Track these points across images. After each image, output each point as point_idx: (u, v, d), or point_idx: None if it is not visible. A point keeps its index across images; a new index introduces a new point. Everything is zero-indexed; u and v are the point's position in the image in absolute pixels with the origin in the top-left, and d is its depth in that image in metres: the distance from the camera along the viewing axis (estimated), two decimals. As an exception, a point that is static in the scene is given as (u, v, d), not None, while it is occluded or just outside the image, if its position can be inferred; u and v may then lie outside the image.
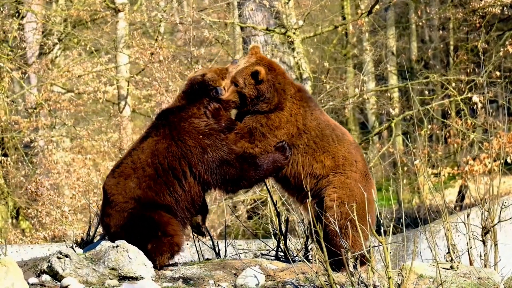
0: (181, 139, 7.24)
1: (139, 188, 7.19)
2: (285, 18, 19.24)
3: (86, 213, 18.59)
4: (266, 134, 7.37)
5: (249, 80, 7.37)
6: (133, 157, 7.32)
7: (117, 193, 7.24)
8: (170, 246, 7.17)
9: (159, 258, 7.14)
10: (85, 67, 21.75)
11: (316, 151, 7.39)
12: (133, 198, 7.19)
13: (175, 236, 7.20)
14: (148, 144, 7.30)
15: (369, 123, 28.40)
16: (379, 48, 24.74)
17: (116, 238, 7.16)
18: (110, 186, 7.31)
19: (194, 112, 7.35)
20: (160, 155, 7.22)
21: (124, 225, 7.19)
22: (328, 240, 7.09)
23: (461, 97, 19.40)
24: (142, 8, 22.75)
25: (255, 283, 6.93)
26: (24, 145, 22.18)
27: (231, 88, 7.38)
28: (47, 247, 11.49)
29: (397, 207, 20.92)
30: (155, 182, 7.20)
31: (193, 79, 7.49)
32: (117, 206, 7.22)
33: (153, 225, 7.13)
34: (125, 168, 7.30)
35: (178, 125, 7.28)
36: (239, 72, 7.41)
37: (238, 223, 19.23)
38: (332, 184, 7.32)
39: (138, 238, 7.08)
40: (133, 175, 7.23)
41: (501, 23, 24.31)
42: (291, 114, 7.42)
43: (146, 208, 7.16)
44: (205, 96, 7.39)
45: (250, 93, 7.37)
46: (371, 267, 6.54)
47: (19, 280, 6.34)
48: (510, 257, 8.41)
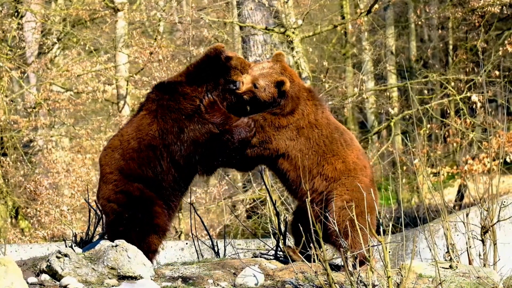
0: (163, 117, 7.23)
1: (122, 159, 7.23)
2: (284, 18, 19.23)
3: (85, 213, 18.58)
4: (266, 128, 7.40)
5: (271, 88, 7.41)
6: (123, 129, 7.42)
7: (105, 164, 7.32)
8: (153, 230, 7.21)
9: (144, 245, 7.16)
10: (84, 66, 21.74)
11: (326, 152, 7.46)
12: (117, 169, 7.23)
13: (158, 217, 7.24)
14: (137, 117, 7.36)
15: (368, 122, 28.41)
16: (378, 47, 24.74)
17: (104, 210, 7.26)
18: (101, 158, 7.41)
19: (187, 92, 7.31)
20: (144, 130, 7.24)
21: (108, 197, 7.26)
22: (333, 239, 7.14)
23: (460, 96, 19.41)
24: (141, 7, 22.77)
25: (254, 282, 6.93)
26: (23, 145, 22.18)
27: (248, 86, 7.39)
28: (46, 246, 11.49)
29: (396, 207, 20.95)
30: (138, 155, 7.23)
31: (213, 55, 7.34)
32: (104, 177, 7.31)
33: (135, 203, 7.18)
34: (114, 140, 7.39)
35: (167, 102, 7.27)
36: (263, 76, 7.42)
37: (237, 223, 19.23)
38: (345, 186, 7.37)
39: (120, 215, 7.17)
40: (119, 147, 7.28)
41: (500, 22, 24.31)
42: (303, 114, 7.49)
43: (129, 182, 7.20)
44: (213, 78, 7.32)
45: (265, 99, 7.41)
46: (371, 267, 6.55)
47: (18, 280, 6.34)
48: (509, 256, 8.41)
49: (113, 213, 7.22)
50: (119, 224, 7.18)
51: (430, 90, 23.80)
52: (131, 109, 22.96)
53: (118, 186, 7.22)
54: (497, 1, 19.74)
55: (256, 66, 7.53)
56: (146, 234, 7.21)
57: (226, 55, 7.30)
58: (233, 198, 18.94)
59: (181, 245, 11.48)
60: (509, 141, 18.71)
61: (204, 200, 19.11)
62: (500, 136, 17.34)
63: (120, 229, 7.19)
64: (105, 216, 7.36)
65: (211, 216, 20.53)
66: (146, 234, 7.21)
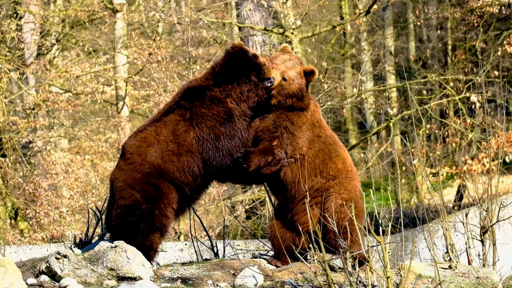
0: (199, 125, 7.29)
1: (161, 159, 7.27)
2: (283, 18, 19.23)
3: (84, 214, 18.58)
4: (294, 132, 7.37)
5: (298, 79, 7.39)
6: (157, 128, 7.39)
7: (136, 154, 7.34)
8: (160, 229, 7.25)
9: (147, 241, 7.19)
10: (83, 67, 21.75)
11: (332, 151, 7.46)
12: (153, 164, 7.26)
13: (168, 219, 7.29)
14: (170, 121, 7.38)
15: (367, 122, 28.41)
16: (377, 47, 24.74)
17: (120, 193, 7.26)
18: (130, 145, 7.41)
19: (216, 95, 7.33)
20: (181, 136, 7.30)
21: (131, 183, 7.26)
22: (332, 237, 7.13)
23: (459, 96, 19.40)
24: (140, 8, 22.77)
25: (253, 283, 6.94)
26: (22, 146, 22.17)
27: (278, 80, 7.36)
28: (46, 247, 11.48)
29: (395, 207, 20.93)
30: (178, 159, 7.29)
31: (239, 53, 7.31)
32: (132, 165, 7.31)
33: (157, 198, 7.23)
34: (149, 135, 7.38)
35: (199, 109, 7.31)
36: (288, 68, 7.40)
37: (236, 223, 19.22)
38: (343, 185, 7.36)
39: (137, 204, 7.20)
40: (156, 145, 7.31)
41: (499, 23, 24.32)
42: (312, 111, 7.51)
43: (162, 178, 7.26)
44: (244, 75, 7.30)
45: (294, 90, 7.38)
46: (370, 267, 6.55)
47: (17, 281, 6.34)
48: (508, 256, 8.41)
49: (131, 200, 7.21)
50: (132, 213, 7.18)
51: (429, 91, 23.80)
52: (130, 110, 22.97)
53: (149, 179, 7.25)
54: (495, 1, 19.74)
55: (276, 59, 7.46)
56: (152, 231, 7.22)
57: (253, 53, 7.29)
58: (232, 199, 18.93)
59: (180, 246, 11.46)
60: (508, 141, 18.71)
61: (203, 201, 19.10)
62: (499, 136, 17.35)
63: (130, 219, 7.19)
64: (119, 199, 7.31)
65: (211, 217, 20.52)
66: (153, 231, 7.22)
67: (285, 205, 7.51)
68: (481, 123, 19.47)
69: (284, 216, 7.50)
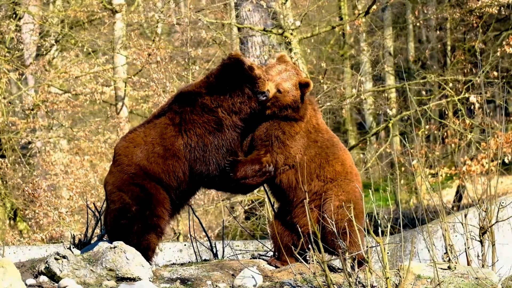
0: (187, 132, 7.28)
1: (146, 160, 7.28)
2: (282, 19, 19.22)
3: (83, 214, 18.56)
4: (285, 142, 7.34)
5: (293, 91, 7.33)
6: (146, 129, 7.42)
7: (123, 155, 7.36)
8: (154, 230, 7.23)
9: (143, 242, 7.19)
10: (83, 68, 21.74)
11: (329, 155, 7.44)
12: (138, 165, 7.27)
13: (161, 218, 7.28)
14: (160, 123, 7.38)
15: (367, 123, 28.42)
16: (376, 48, 24.74)
17: (111, 197, 7.27)
18: (119, 147, 7.45)
19: (207, 104, 7.30)
20: (168, 140, 7.30)
21: (119, 186, 7.28)
22: (331, 238, 7.12)
23: (459, 97, 19.39)
24: (139, 9, 22.76)
25: (252, 283, 6.93)
26: (21, 146, 22.16)
27: (273, 92, 7.30)
28: (45, 248, 11.46)
29: (394, 208, 20.88)
30: (164, 162, 7.29)
31: (234, 64, 7.26)
32: (119, 166, 7.34)
33: (146, 199, 7.23)
34: (137, 136, 7.41)
35: (190, 116, 7.30)
36: (284, 80, 7.34)
37: (235, 224, 19.22)
38: (341, 187, 7.35)
39: (127, 206, 7.20)
40: (142, 145, 7.32)
41: (498, 23, 24.33)
42: (309, 117, 7.48)
43: (148, 178, 7.26)
44: (237, 87, 7.26)
45: (288, 102, 7.33)
46: (369, 268, 6.55)
47: (17, 281, 6.34)
48: (507, 257, 8.42)
49: (120, 203, 7.22)
50: (124, 216, 7.18)
51: (428, 91, 23.80)
52: (129, 111, 22.96)
53: (135, 179, 7.26)
54: (495, 2, 19.74)
55: (271, 70, 7.42)
56: (147, 232, 7.22)
57: (249, 65, 7.23)
58: (232, 200, 18.91)
59: (179, 246, 11.45)
60: (507, 142, 18.70)
61: (203, 202, 19.09)
62: (498, 137, 17.34)
63: (122, 221, 7.19)
64: (110, 203, 7.34)
65: (210, 218, 20.51)
66: (147, 231, 7.22)
67: (285, 208, 7.53)
68: (480, 123, 19.47)
69: (284, 218, 7.52)
